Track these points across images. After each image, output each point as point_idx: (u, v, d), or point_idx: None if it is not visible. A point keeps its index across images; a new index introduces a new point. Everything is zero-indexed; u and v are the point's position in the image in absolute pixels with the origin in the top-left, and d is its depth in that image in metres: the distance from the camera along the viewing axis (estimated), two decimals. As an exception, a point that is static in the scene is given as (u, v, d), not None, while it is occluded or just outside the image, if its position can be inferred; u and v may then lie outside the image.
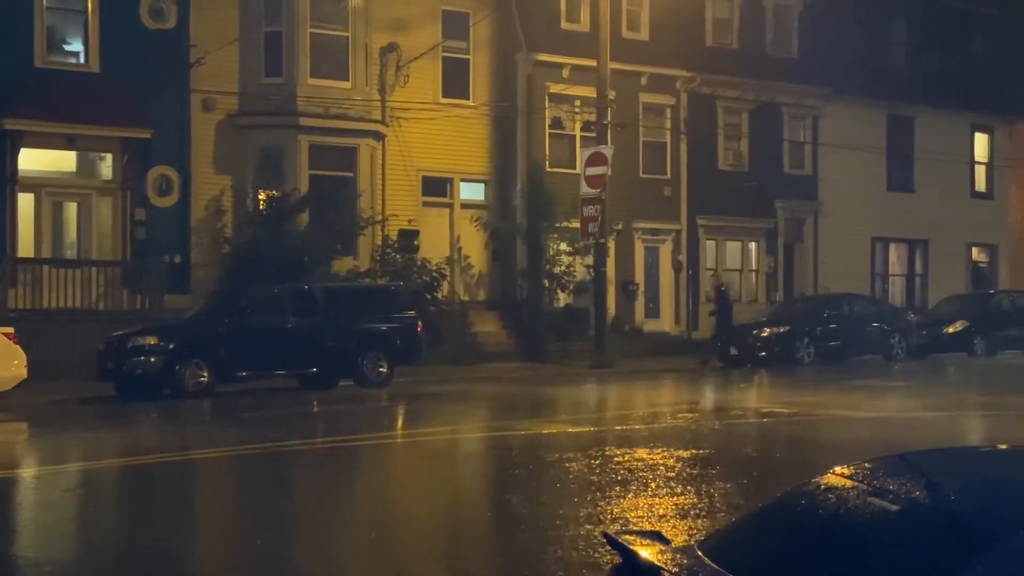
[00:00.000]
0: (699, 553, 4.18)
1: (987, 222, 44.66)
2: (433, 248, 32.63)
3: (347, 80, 31.19)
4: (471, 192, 34.26)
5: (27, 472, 14.09)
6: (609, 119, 31.60)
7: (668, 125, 37.15)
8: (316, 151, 30.75)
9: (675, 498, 10.80)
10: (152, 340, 22.89)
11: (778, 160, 39.73)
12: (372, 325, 25.08)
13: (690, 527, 9.36)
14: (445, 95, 33.35)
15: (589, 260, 32.68)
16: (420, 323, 25.98)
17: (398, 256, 31.59)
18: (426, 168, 33.03)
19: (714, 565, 4.02)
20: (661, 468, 12.70)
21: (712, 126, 38.19)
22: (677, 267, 37.43)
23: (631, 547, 4.19)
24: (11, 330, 21.43)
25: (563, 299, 34.52)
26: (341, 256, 30.02)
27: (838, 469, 4.36)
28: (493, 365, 30.57)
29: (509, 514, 10.82)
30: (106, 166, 29.34)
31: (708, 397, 24.29)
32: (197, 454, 15.30)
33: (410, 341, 25.59)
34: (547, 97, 34.60)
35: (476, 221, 33.76)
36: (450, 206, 33.88)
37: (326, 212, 30.00)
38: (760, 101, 38.99)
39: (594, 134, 32.09)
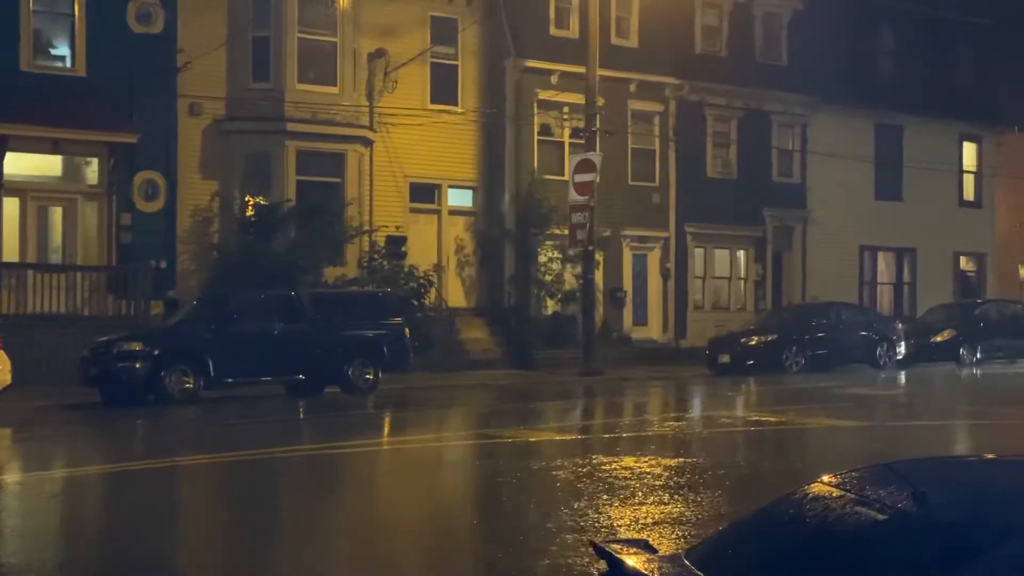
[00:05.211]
0: (686, 562, 4.15)
1: (975, 231, 44.78)
2: (421, 255, 32.57)
3: (335, 86, 31.14)
4: (459, 199, 34.21)
5: (11, 478, 14.00)
6: (598, 126, 31.58)
7: (657, 132, 37.18)
8: (303, 157, 30.68)
9: (662, 507, 10.76)
10: (137, 346, 22.79)
11: (767, 168, 39.78)
12: (359, 332, 24.99)
13: (677, 536, 9.32)
14: (433, 101, 33.31)
15: (577, 268, 32.65)
16: (408, 330, 25.90)
17: (385, 263, 31.53)
18: (414, 174, 32.99)
19: (701, 574, 3.99)
20: (648, 476, 12.66)
21: (701, 134, 38.22)
22: (665, 275, 37.44)
23: (618, 556, 4.16)
24: (-4, 335, 21.34)
25: (551, 306, 34.49)
26: (329, 264, 29.96)
27: (825, 478, 4.33)
28: (480, 372, 30.53)
29: (495, 523, 10.76)
30: (92, 171, 29.23)
31: (695, 405, 24.28)
32: (181, 461, 15.23)
33: (397, 348, 25.50)
34: (536, 104, 34.59)
35: (465, 233, 33.69)
36: (438, 212, 33.83)
37: (313, 219, 29.91)
38: (749, 109, 39.06)
39: (583, 141, 32.07)
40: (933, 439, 16.72)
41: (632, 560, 4.12)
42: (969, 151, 45.47)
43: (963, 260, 45.47)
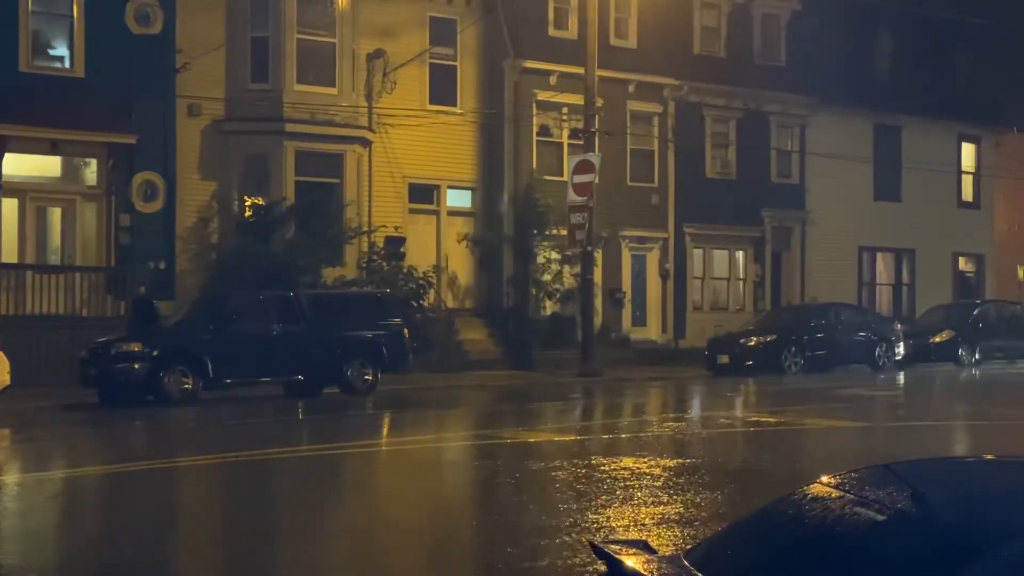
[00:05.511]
0: (685, 563, 4.14)
1: (974, 232, 44.78)
2: (420, 255, 32.56)
3: (334, 86, 31.13)
4: (458, 199, 34.20)
5: (10, 479, 13.98)
6: (597, 127, 31.58)
7: (656, 133, 37.17)
8: (302, 157, 30.67)
9: (661, 507, 10.76)
10: (136, 346, 22.77)
11: (765, 169, 39.78)
12: (357, 332, 24.98)
13: (676, 536, 9.31)
14: (432, 102, 33.30)
15: (576, 268, 32.65)
16: (407, 330, 25.89)
17: (384, 263, 31.52)
18: (413, 175, 32.99)
19: (700, 575, 3.98)
20: (647, 477, 12.66)
21: (700, 134, 38.22)
22: (664, 275, 37.43)
23: (617, 556, 4.15)
24: (-5, 336, 21.34)
25: (550, 307, 34.48)
26: (328, 265, 29.95)
27: (824, 479, 4.33)
28: (479, 373, 30.51)
29: (494, 523, 10.76)
30: (91, 171, 29.23)
31: (694, 406, 24.28)
32: (180, 461, 15.22)
33: (396, 349, 25.49)
34: (535, 104, 34.58)
35: (463, 240, 33.66)
36: (437, 213, 33.83)
37: (312, 219, 29.90)
38: (748, 110, 39.05)
39: (582, 142, 32.07)
40: (932, 439, 16.72)
41: (631, 561, 4.12)
42: (968, 152, 45.48)
43: (962, 261, 45.47)
